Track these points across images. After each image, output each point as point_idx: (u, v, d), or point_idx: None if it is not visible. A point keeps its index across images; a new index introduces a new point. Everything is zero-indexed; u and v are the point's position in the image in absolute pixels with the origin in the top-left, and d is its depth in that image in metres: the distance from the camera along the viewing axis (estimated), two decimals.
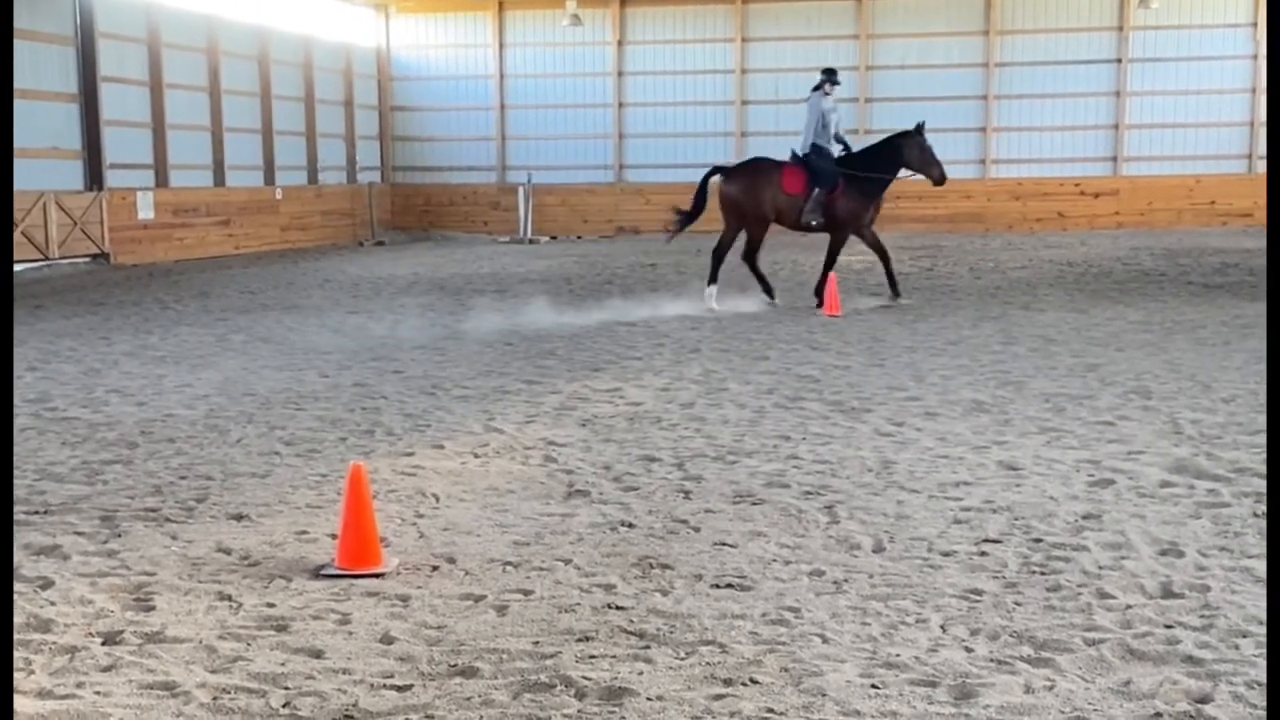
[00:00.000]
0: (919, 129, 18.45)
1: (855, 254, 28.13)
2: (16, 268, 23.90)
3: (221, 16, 31.43)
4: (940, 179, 18.49)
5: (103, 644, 5.54)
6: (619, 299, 19.89)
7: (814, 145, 18.42)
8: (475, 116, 39.57)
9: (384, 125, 40.02)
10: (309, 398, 11.51)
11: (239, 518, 7.54)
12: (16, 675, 5.18)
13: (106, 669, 5.27)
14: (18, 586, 6.27)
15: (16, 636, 5.60)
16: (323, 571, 6.47)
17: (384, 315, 17.82)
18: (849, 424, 10.07)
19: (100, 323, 17.16)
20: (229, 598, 6.11)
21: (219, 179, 31.51)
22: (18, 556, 6.75)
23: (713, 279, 18.39)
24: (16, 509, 7.74)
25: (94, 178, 26.77)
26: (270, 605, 6.01)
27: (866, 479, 8.29)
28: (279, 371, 12.95)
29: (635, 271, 25.40)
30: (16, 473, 8.68)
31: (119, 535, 7.18)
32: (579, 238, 37.32)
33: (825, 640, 5.47)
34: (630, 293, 20.92)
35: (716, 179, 19.00)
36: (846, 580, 6.24)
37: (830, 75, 18.67)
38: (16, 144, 24.41)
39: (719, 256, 18.68)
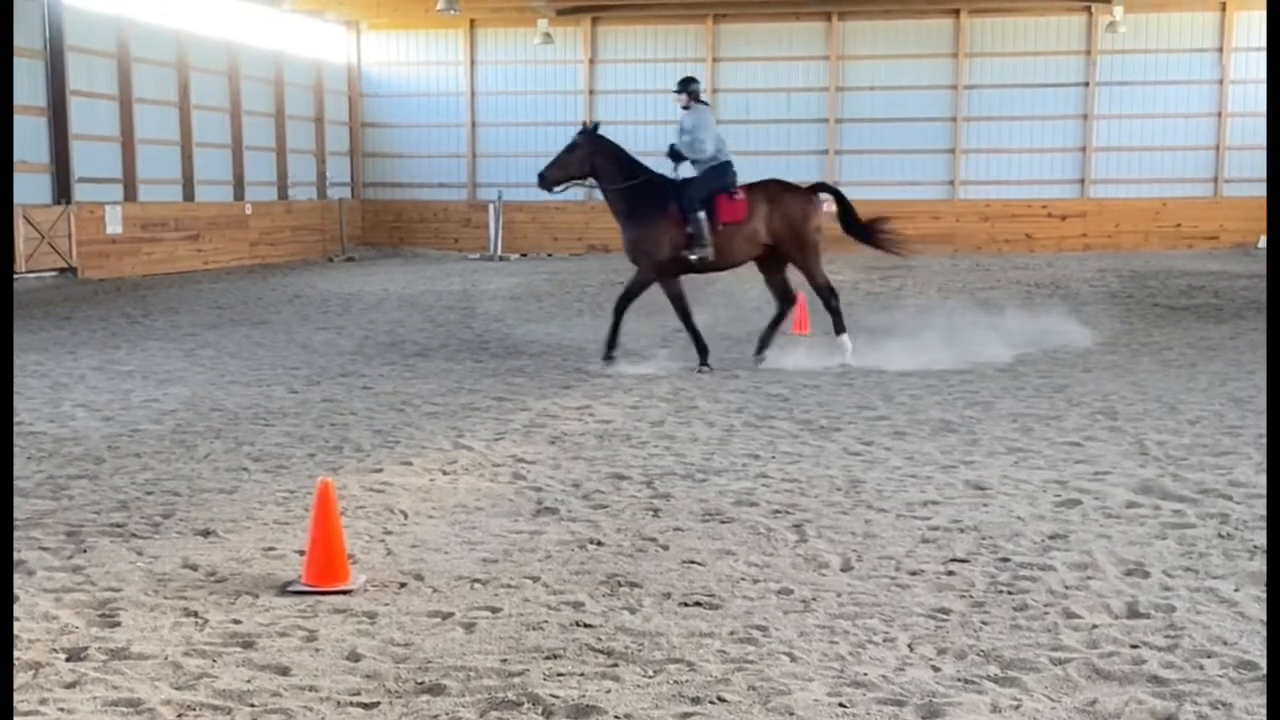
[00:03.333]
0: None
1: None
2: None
3: (192, 31, 31.35)
4: None
5: (67, 660, 5.51)
6: (589, 317, 19.90)
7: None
8: (446, 133, 39.55)
9: (355, 141, 39.95)
10: (277, 413, 11.47)
11: (206, 534, 7.50)
12: None
13: (70, 685, 5.24)
14: None
15: None
16: (290, 588, 6.45)
17: (353, 331, 17.78)
18: (818, 443, 10.09)
19: (67, 337, 17.07)
20: (195, 614, 6.08)
21: (189, 194, 31.40)
22: None
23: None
24: None
25: (62, 191, 26.64)
26: (236, 622, 5.98)
27: (835, 498, 8.31)
28: (247, 387, 12.90)
29: (605, 289, 25.38)
30: None
31: (84, 550, 7.14)
32: (549, 255, 37.32)
33: (793, 659, 5.48)
34: (600, 310, 20.90)
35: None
36: (814, 599, 6.25)
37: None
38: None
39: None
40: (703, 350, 14.20)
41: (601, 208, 38.25)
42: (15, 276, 24.70)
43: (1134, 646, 5.58)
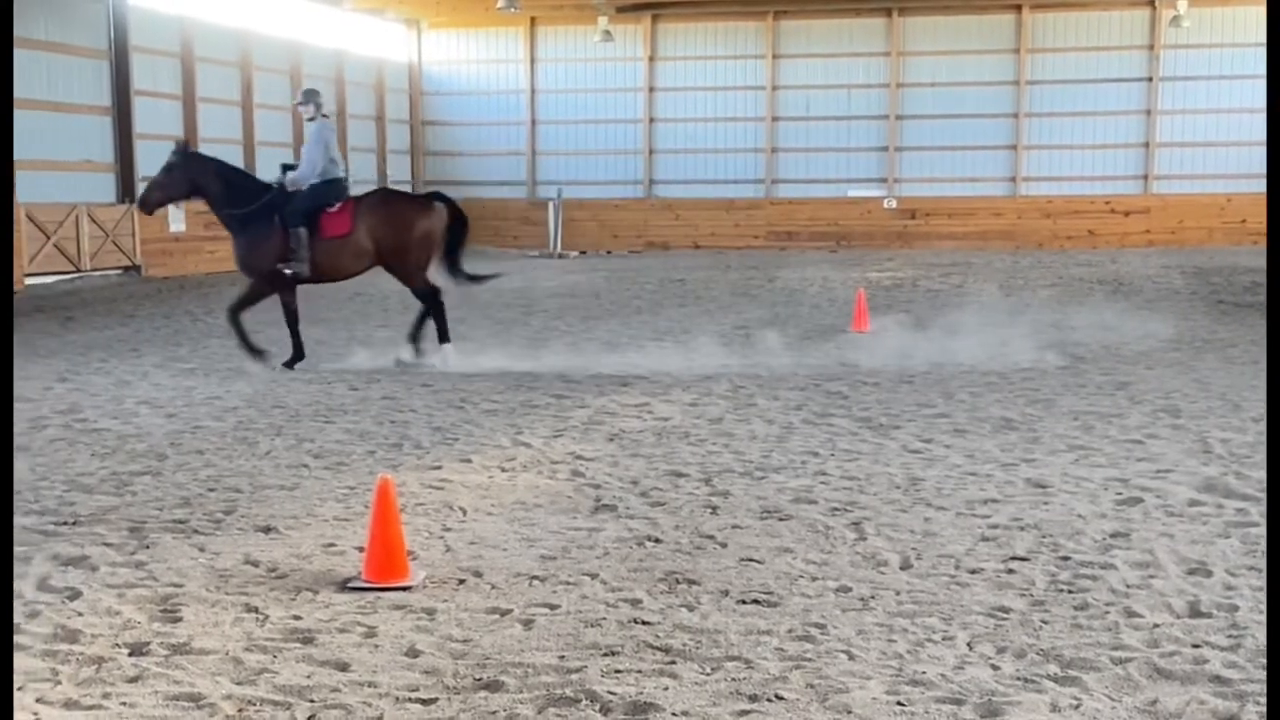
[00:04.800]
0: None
1: (884, 270, 28.12)
2: (48, 280, 24.06)
3: (255, 31, 31.60)
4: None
5: (130, 655, 5.57)
6: (648, 314, 19.90)
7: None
8: (506, 131, 39.68)
9: (415, 139, 40.16)
10: (338, 410, 11.55)
11: (267, 530, 7.56)
12: (43, 686, 5.21)
13: (133, 680, 5.29)
14: (45, 597, 6.31)
15: (44, 647, 5.63)
16: (350, 584, 6.49)
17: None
18: (877, 440, 10.05)
19: (131, 335, 17.25)
20: (256, 610, 6.13)
21: None
22: (46, 567, 6.79)
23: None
24: (47, 519, 7.79)
25: (126, 190, 26.91)
26: (297, 618, 6.02)
27: (894, 495, 8.27)
28: (308, 384, 12.99)
29: (664, 287, 25.40)
30: (46, 484, 8.74)
31: (147, 547, 7.21)
32: (608, 253, 37.35)
33: (851, 657, 5.45)
34: (659, 308, 20.92)
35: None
36: (873, 597, 6.23)
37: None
38: (50, 156, 24.62)
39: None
40: (298, 355, 14.21)
41: (661, 204, 38.56)
42: (80, 274, 24.99)
43: (1196, 646, 5.52)
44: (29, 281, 23.38)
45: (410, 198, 15.10)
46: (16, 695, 5.10)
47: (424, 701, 5.06)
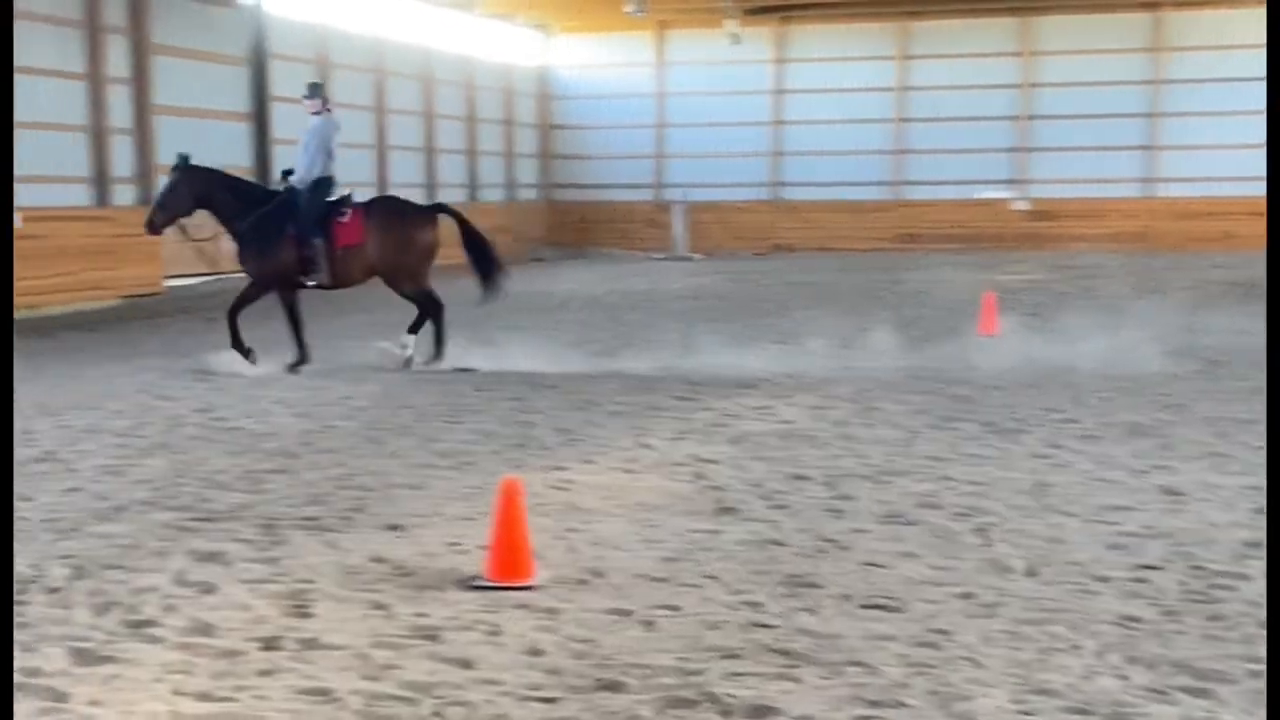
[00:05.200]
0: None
1: (1013, 272, 27.75)
2: (192, 281, 24.58)
3: (388, 38, 32.06)
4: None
5: (262, 649, 5.68)
6: (773, 316, 19.86)
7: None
8: (633, 134, 39.81)
9: (543, 143, 40.46)
10: (464, 410, 11.68)
11: (394, 528, 7.68)
12: (179, 678, 5.34)
13: (264, 674, 5.40)
14: (182, 591, 6.46)
15: (179, 640, 5.77)
16: (474, 583, 6.56)
17: (539, 331, 17.98)
18: (1003, 445, 9.93)
19: (265, 336, 17.54)
20: (383, 607, 6.23)
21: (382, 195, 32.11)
22: (183, 562, 6.96)
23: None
24: (184, 515, 7.98)
25: None
26: (422, 615, 6.10)
27: (1020, 501, 8.17)
28: (436, 385, 13.15)
29: (788, 289, 25.32)
30: (184, 480, 8.95)
31: (279, 543, 7.36)
32: (734, 255, 37.32)
33: (975, 664, 5.40)
34: (784, 311, 20.86)
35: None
36: (998, 604, 6.16)
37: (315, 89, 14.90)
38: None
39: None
40: (303, 357, 14.15)
41: (787, 207, 38.44)
42: (219, 276, 25.50)
43: None
44: (170, 284, 23.92)
45: (417, 209, 15.05)
46: (153, 687, 5.24)
47: (546, 700, 5.10)
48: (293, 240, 13.77)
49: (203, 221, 14.52)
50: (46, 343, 16.98)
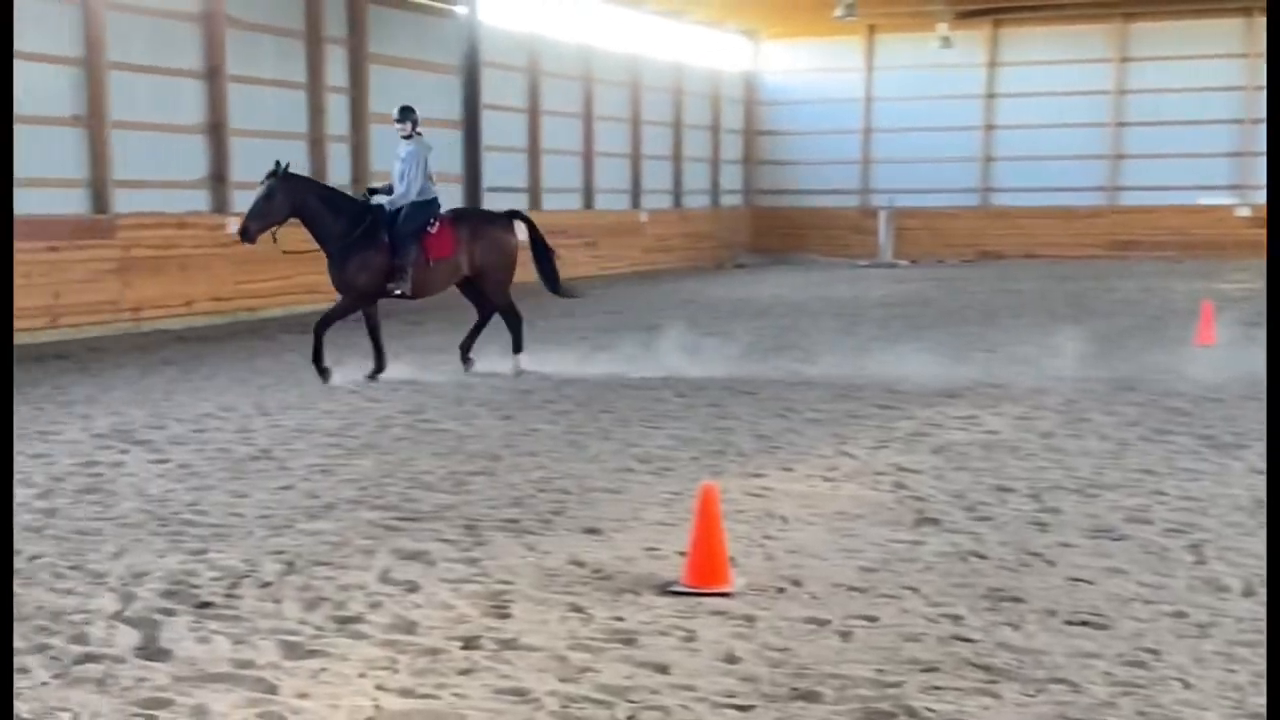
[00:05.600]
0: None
1: (1234, 281, 26.83)
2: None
3: (597, 45, 32.40)
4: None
5: (462, 648, 5.78)
6: (977, 324, 19.53)
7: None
8: (840, 140, 39.52)
9: (749, 149, 40.44)
10: (664, 416, 11.73)
11: (593, 531, 7.74)
12: (383, 674, 5.46)
13: (464, 672, 5.49)
14: (386, 589, 6.61)
15: (384, 637, 5.91)
16: (671, 588, 6.58)
17: (740, 337, 17.98)
18: (1221, 460, 9.59)
19: (431, 342, 17.87)
20: (581, 609, 6.28)
21: (588, 202, 32.46)
22: (388, 560, 7.12)
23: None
24: (390, 514, 8.17)
25: (472, 201, 27.94)
26: (619, 619, 6.14)
27: (1237, 518, 7.88)
28: (637, 390, 13.24)
29: (996, 297, 24.87)
30: (390, 480, 9.16)
31: (481, 544, 7.48)
32: (940, 262, 36.79)
33: (1186, 685, 5.23)
34: (991, 319, 20.49)
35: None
36: (1212, 624, 5.95)
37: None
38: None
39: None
40: (380, 365, 14.24)
41: (996, 213, 37.76)
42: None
43: None
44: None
45: (501, 217, 15.20)
46: (358, 682, 5.37)
47: (741, 708, 5.09)
48: (386, 251, 13.92)
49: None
50: (263, 344, 17.56)
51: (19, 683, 5.32)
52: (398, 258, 13.89)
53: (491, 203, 28.28)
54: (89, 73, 18.80)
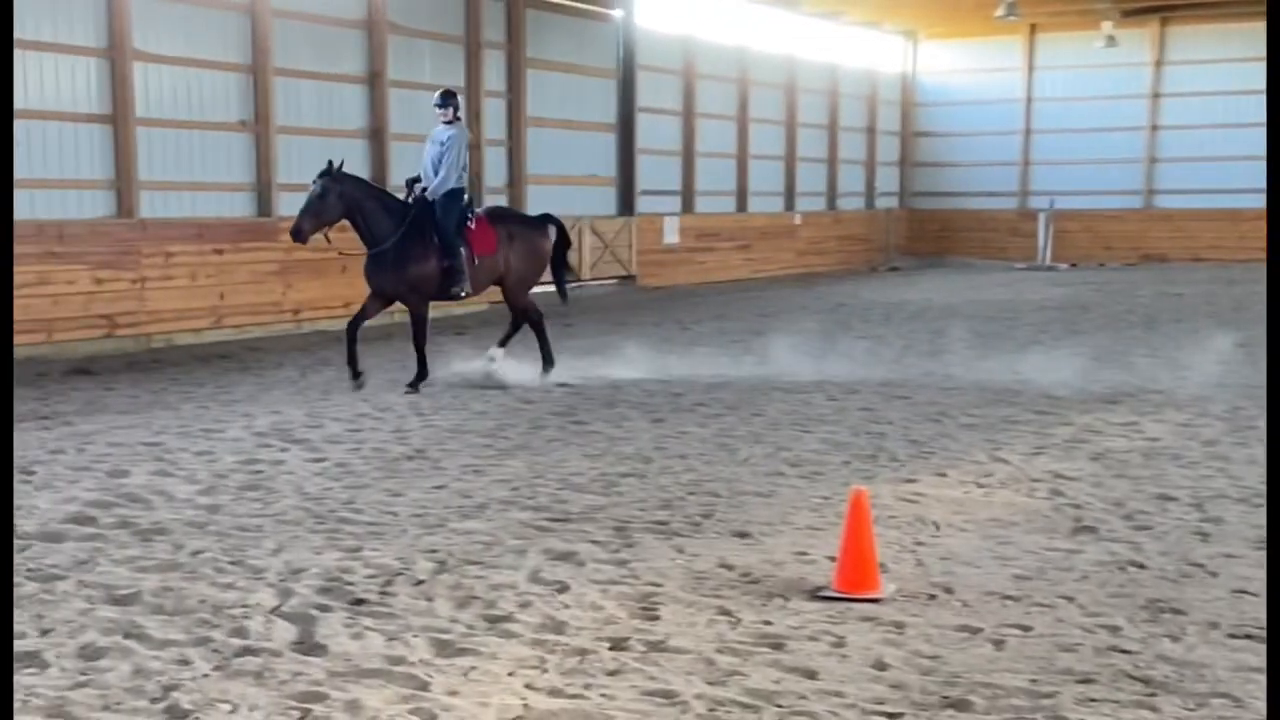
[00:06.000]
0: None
1: None
2: (551, 288, 25.31)
3: (752, 48, 32.34)
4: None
5: (610, 649, 5.80)
6: (1140, 329, 19.10)
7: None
8: (998, 141, 38.92)
9: (905, 151, 40.05)
10: (815, 420, 11.66)
11: (742, 535, 7.72)
12: (532, 673, 5.50)
13: (612, 673, 5.51)
14: (536, 589, 6.66)
15: (533, 636, 5.95)
16: (820, 593, 6.53)
17: (893, 341, 17.82)
18: None
19: (623, 342, 17.95)
20: (729, 613, 6.27)
21: (741, 205, 32.42)
22: (538, 560, 7.18)
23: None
24: (541, 515, 8.23)
25: (626, 204, 28.11)
26: (768, 623, 6.12)
27: None
28: (787, 394, 13.17)
29: (1159, 301, 24.30)
30: (542, 481, 9.23)
31: (630, 545, 7.50)
32: (1101, 265, 36.05)
33: None
34: (1153, 324, 20.03)
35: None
36: None
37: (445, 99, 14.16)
38: (560, 172, 25.99)
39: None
40: (423, 373, 13.69)
41: (1160, 215, 36.88)
42: (580, 283, 26.25)
43: None
44: (533, 290, 24.71)
45: (536, 218, 14.97)
46: (507, 680, 5.42)
47: (890, 715, 5.04)
48: (437, 251, 13.56)
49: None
50: None
51: (181, 674, 5.47)
52: (450, 258, 13.56)
53: (646, 206, 28.47)
54: (256, 79, 19.27)
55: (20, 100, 16.26)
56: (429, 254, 13.50)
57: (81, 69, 17.05)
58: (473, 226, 13.82)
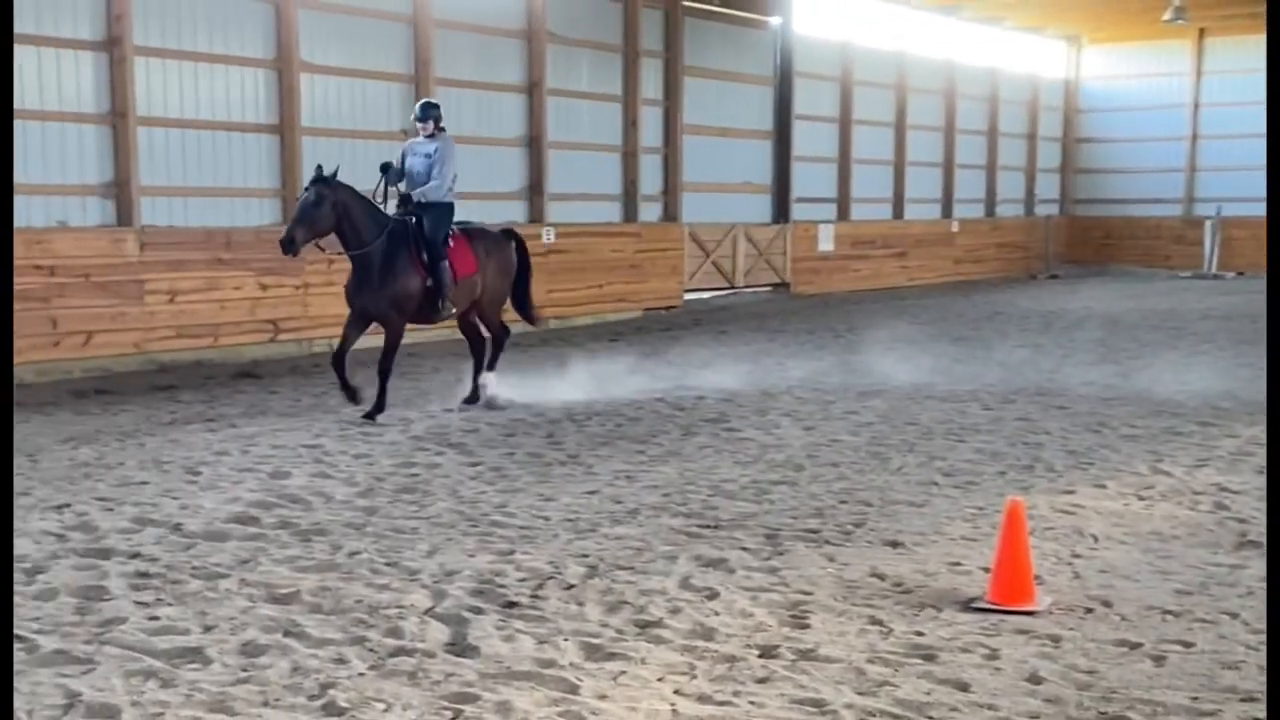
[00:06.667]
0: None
1: None
2: (704, 295, 25.40)
3: (911, 53, 32.03)
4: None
5: (759, 656, 5.79)
6: None
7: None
8: (1164, 147, 38.02)
9: (1067, 157, 39.32)
10: (970, 430, 11.51)
11: (894, 545, 7.66)
12: (681, 679, 5.52)
13: (761, 681, 5.50)
14: (686, 595, 6.68)
15: (683, 642, 5.97)
16: (974, 604, 6.46)
17: (1052, 350, 17.52)
18: None
19: (777, 349, 17.95)
20: (880, 623, 6.22)
21: (897, 212, 32.11)
22: (689, 567, 7.19)
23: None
24: (692, 521, 8.25)
25: (780, 211, 28.01)
26: (919, 634, 6.06)
27: None
28: (942, 402, 13.02)
29: None
30: (693, 488, 9.25)
31: (781, 553, 7.48)
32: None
33: None
34: None
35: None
36: None
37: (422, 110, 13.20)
38: (715, 179, 26.01)
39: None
40: (381, 405, 12.44)
41: None
42: (734, 290, 26.24)
43: None
44: (687, 297, 24.81)
45: (503, 234, 13.87)
46: (656, 685, 5.44)
47: None
48: (422, 269, 12.60)
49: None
50: (572, 350, 17.93)
51: (338, 672, 5.58)
52: (437, 275, 12.61)
53: (801, 213, 28.35)
54: (417, 88, 19.58)
55: (194, 111, 16.76)
56: (414, 270, 12.59)
57: (250, 80, 17.49)
58: (451, 244, 12.92)
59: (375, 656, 5.80)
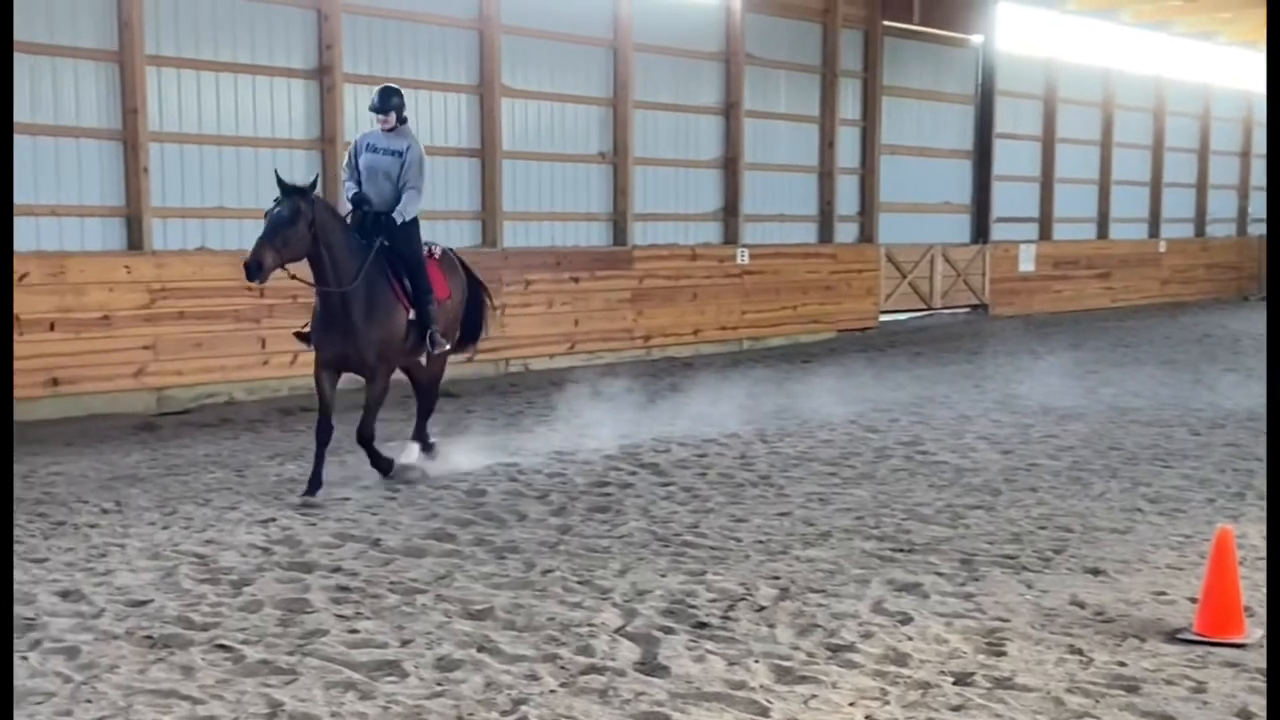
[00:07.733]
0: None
1: None
2: (901, 316, 25.10)
3: (1118, 70, 31.28)
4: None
5: (954, 683, 5.68)
6: None
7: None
8: None
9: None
10: (1177, 455, 11.16)
11: (1095, 572, 7.46)
12: (872, 704, 5.45)
13: (955, 709, 5.40)
14: (879, 619, 6.59)
15: (875, 667, 5.89)
16: (1180, 635, 6.25)
17: (1263, 374, 16.87)
18: None
19: (974, 371, 17.65)
20: (1080, 652, 6.07)
21: (1102, 232, 31.35)
22: (881, 590, 7.10)
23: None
24: (885, 545, 8.14)
25: (980, 231, 27.56)
26: (1122, 664, 5.89)
27: None
28: (1147, 427, 12.66)
29: None
30: (887, 511, 9.13)
31: (976, 579, 7.34)
32: None
33: None
34: None
35: None
36: None
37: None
38: (913, 199, 25.73)
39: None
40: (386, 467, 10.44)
41: None
42: (930, 312, 25.88)
43: None
44: (883, 318, 24.55)
45: (448, 254, 11.37)
46: (848, 710, 5.37)
47: None
48: (405, 300, 10.40)
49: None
50: (765, 372, 17.88)
51: (530, 689, 5.63)
52: (421, 304, 10.48)
53: (1001, 233, 27.86)
54: (615, 111, 19.77)
55: None
56: (398, 304, 10.36)
57: (454, 105, 17.84)
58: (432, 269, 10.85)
59: (566, 674, 5.83)
